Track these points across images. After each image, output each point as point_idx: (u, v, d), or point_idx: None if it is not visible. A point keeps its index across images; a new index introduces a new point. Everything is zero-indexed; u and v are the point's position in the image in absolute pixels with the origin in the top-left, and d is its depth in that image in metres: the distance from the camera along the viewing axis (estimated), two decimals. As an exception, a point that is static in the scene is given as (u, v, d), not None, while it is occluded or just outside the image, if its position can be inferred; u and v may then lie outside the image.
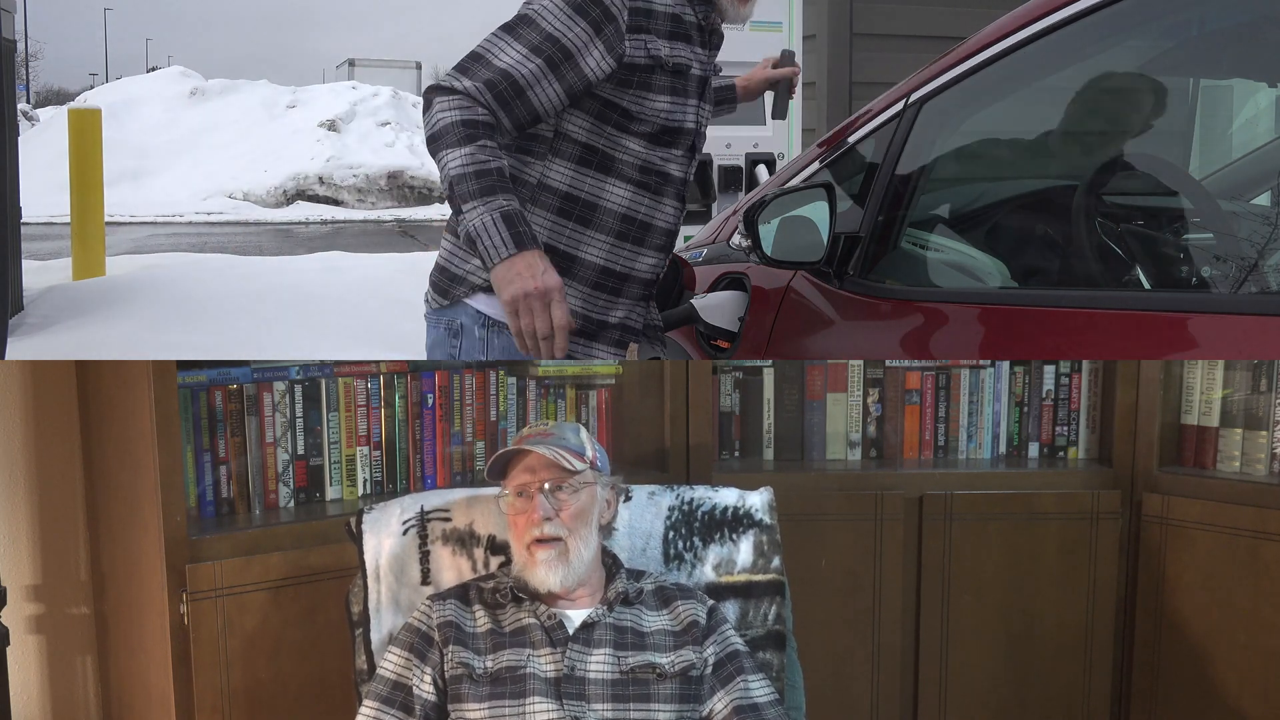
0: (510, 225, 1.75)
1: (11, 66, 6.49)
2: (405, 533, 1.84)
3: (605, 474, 1.75)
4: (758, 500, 1.94)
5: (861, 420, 2.44)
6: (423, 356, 2.14)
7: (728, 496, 1.94)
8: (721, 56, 2.16)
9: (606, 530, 1.77)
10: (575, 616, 1.67)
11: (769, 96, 2.70)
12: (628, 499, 1.89)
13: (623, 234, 2.03)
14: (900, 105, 2.09)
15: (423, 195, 18.90)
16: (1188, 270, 1.81)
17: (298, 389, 2.16)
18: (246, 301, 6.98)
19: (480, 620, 1.67)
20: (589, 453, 1.72)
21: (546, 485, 1.67)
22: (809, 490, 2.32)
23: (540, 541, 1.65)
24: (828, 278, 2.13)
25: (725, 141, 5.53)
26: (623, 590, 1.71)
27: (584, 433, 1.76)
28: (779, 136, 5.63)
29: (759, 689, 1.68)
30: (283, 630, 2.00)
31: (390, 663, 1.67)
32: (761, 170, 5.55)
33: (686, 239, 4.08)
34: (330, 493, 2.20)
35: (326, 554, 2.02)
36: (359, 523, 1.85)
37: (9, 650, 2.11)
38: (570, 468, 1.68)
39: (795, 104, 5.69)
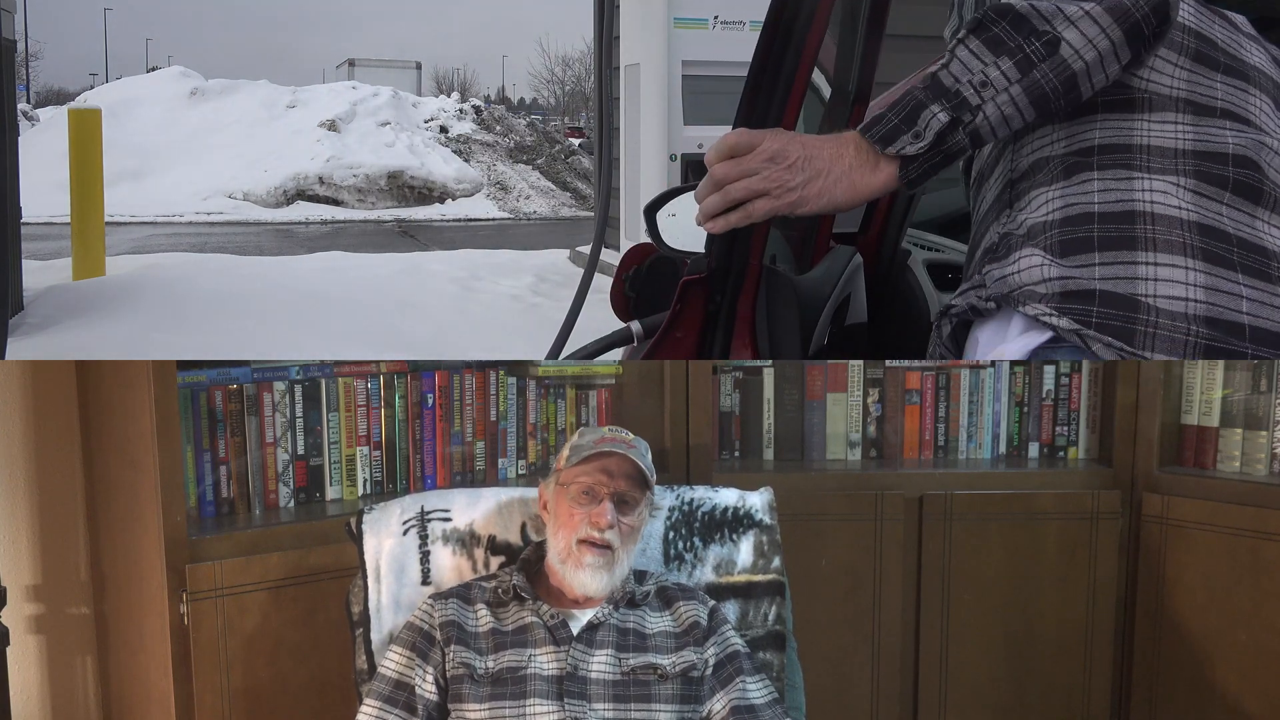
0: None
1: (11, 66, 6.49)
2: (405, 533, 1.84)
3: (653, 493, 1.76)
4: (758, 500, 1.94)
5: (861, 420, 2.44)
6: (421, 355, 2.13)
7: (728, 497, 1.94)
8: (722, 56, 2.14)
9: None
10: (581, 616, 1.67)
11: None
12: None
13: None
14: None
15: (423, 195, 18.89)
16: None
17: (298, 389, 2.16)
18: (246, 301, 6.99)
19: (482, 619, 1.67)
20: (653, 475, 1.73)
21: (618, 496, 1.67)
22: (809, 490, 2.32)
23: (591, 544, 1.65)
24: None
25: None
26: (629, 591, 1.71)
27: (649, 452, 1.77)
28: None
29: (757, 690, 1.68)
30: (283, 630, 1.99)
31: (392, 662, 1.67)
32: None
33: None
34: (330, 493, 2.20)
35: (326, 554, 2.02)
36: (359, 523, 1.84)
37: (9, 650, 2.11)
38: (650, 485, 1.70)
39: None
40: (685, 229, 1.73)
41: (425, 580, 1.82)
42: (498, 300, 7.74)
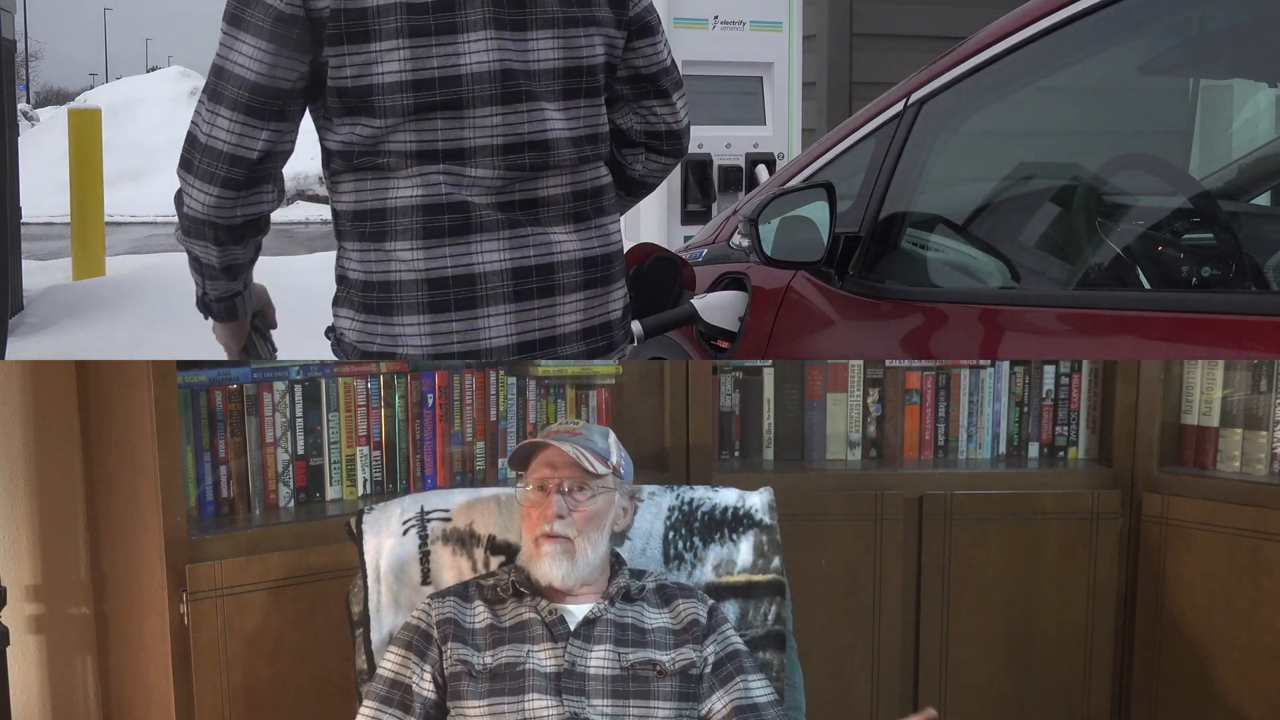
0: None
1: (11, 66, 6.49)
2: (405, 533, 1.84)
3: (628, 481, 1.74)
4: (758, 500, 1.94)
5: (861, 420, 2.44)
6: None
7: (728, 497, 1.93)
8: (722, 56, 2.14)
9: (619, 538, 1.77)
10: (577, 612, 1.67)
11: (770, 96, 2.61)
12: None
13: None
14: (900, 105, 2.09)
15: (423, 195, 18.89)
16: (1188, 270, 1.81)
17: (298, 389, 2.16)
18: (246, 301, 6.96)
19: (480, 616, 1.67)
20: (614, 458, 1.72)
21: (565, 485, 1.67)
22: (809, 490, 2.32)
23: (549, 536, 1.65)
24: (828, 278, 2.13)
25: (725, 141, 5.54)
26: (624, 585, 1.71)
27: (612, 437, 1.76)
28: (779, 136, 5.64)
29: (759, 689, 1.68)
30: (283, 630, 2.00)
31: (389, 662, 1.67)
32: (761, 170, 5.55)
33: (687, 239, 4.08)
34: (330, 493, 2.20)
35: (326, 554, 2.02)
36: (359, 523, 1.85)
37: (9, 650, 2.11)
38: (591, 470, 1.67)
39: (795, 103, 5.69)
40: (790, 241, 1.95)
41: (425, 580, 1.82)
42: (498, 300, 7.72)
